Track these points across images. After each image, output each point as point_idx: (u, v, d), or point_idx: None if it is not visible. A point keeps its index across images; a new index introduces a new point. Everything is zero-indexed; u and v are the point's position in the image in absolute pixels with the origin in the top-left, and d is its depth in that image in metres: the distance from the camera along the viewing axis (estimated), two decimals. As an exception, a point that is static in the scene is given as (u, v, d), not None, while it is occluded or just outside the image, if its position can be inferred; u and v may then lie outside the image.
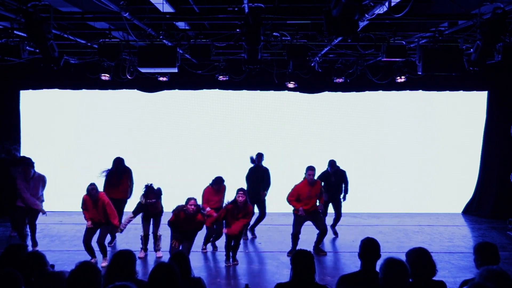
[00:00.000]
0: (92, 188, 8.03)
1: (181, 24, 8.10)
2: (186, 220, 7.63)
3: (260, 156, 10.02)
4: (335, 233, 10.12)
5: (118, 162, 9.33)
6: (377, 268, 3.97)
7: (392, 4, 5.38)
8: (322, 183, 9.26)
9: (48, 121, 12.41)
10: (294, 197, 8.76)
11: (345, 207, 10.18)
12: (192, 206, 7.55)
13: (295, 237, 8.75)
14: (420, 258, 4.03)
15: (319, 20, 6.82)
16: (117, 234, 9.27)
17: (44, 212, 8.72)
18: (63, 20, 7.25)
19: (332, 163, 9.95)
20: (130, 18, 6.23)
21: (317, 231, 8.77)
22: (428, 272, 4.02)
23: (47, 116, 12.42)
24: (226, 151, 12.40)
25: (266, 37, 7.34)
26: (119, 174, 9.28)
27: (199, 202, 8.15)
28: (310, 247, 8.52)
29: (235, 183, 9.05)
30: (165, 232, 8.58)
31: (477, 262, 4.18)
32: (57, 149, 11.74)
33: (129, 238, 9.66)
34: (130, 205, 9.17)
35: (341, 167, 10.07)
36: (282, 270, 8.00)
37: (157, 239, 8.70)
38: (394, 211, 12.31)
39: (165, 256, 8.35)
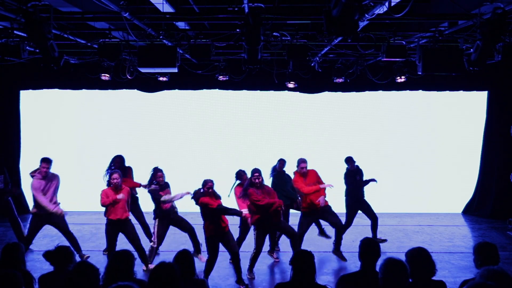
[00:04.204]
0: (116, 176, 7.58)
1: (181, 24, 8.10)
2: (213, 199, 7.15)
3: (282, 162, 9.26)
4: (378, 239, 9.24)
5: (120, 161, 9.05)
6: (377, 268, 3.98)
7: (392, 4, 5.38)
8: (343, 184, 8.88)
9: (48, 121, 12.41)
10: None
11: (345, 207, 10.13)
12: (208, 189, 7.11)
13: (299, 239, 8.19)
14: (420, 258, 4.04)
15: (319, 20, 6.83)
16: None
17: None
18: (63, 20, 7.25)
19: (349, 160, 9.17)
20: (130, 18, 6.23)
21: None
22: (428, 272, 4.03)
23: (47, 116, 12.42)
24: (226, 151, 12.40)
25: (266, 37, 7.33)
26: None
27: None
28: (311, 247, 8.52)
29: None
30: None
31: (477, 262, 4.19)
32: (57, 149, 11.73)
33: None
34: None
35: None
36: (282, 270, 8.01)
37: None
38: (394, 211, 12.31)
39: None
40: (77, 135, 12.48)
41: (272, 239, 8.38)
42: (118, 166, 8.98)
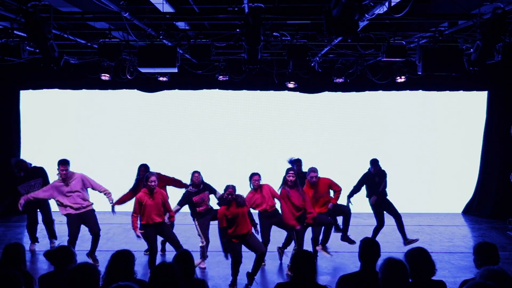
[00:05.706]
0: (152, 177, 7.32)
1: (181, 24, 8.10)
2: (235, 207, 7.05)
3: (299, 162, 9.21)
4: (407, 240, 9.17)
5: (145, 169, 8.61)
6: (377, 268, 3.98)
7: (392, 4, 5.38)
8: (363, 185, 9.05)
9: (48, 121, 12.41)
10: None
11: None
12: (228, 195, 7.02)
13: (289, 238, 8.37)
14: (420, 258, 4.04)
15: (319, 20, 6.83)
16: (117, 233, 9.24)
17: None
18: (63, 20, 7.25)
19: (374, 162, 9.17)
20: (130, 18, 6.23)
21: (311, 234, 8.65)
22: (428, 272, 4.03)
23: (47, 116, 12.42)
24: (226, 151, 12.40)
25: (266, 37, 7.34)
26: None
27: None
28: (310, 247, 8.51)
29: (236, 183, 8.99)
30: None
31: (477, 262, 4.19)
32: (57, 149, 11.74)
33: (129, 238, 9.66)
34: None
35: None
36: (282, 270, 8.01)
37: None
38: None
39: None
40: (77, 135, 12.47)
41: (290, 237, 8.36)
42: (143, 175, 8.57)
